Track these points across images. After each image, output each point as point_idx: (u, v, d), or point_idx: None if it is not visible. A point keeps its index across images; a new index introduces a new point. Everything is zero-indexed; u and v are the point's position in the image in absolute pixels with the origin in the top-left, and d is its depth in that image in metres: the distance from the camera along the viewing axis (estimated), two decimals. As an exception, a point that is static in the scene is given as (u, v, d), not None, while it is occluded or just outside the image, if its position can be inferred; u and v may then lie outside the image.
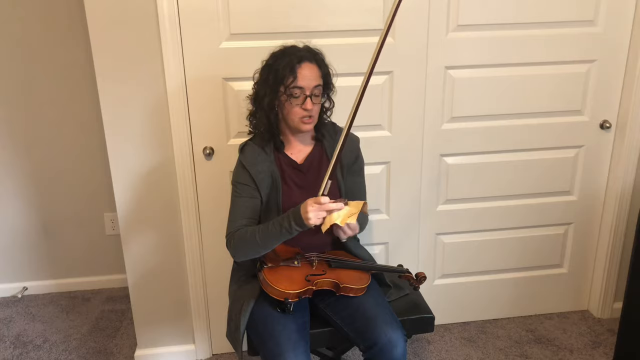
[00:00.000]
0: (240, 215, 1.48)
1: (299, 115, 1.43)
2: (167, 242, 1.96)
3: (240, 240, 1.45)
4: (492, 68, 1.92)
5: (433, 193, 2.05)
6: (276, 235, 1.38)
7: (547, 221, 2.16)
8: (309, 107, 1.42)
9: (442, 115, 1.96)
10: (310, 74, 1.42)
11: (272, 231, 1.39)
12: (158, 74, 1.76)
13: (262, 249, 1.42)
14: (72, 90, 2.31)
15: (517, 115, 2.00)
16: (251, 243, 1.42)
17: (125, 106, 1.78)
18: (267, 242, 1.40)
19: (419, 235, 2.10)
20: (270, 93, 1.43)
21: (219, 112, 1.82)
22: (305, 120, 1.44)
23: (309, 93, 1.42)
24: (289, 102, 1.42)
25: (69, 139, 2.37)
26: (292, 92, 1.41)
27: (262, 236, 1.40)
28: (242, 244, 1.44)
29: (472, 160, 2.03)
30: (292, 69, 1.40)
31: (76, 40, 2.24)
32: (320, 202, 1.32)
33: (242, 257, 1.47)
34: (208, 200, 1.91)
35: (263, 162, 1.50)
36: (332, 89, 1.52)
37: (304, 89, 1.41)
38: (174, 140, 1.82)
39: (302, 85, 1.40)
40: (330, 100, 1.55)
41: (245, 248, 1.44)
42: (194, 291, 2.01)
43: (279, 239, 1.39)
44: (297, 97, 1.42)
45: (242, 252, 1.45)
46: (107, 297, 2.50)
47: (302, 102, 1.42)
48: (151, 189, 1.89)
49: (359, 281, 1.47)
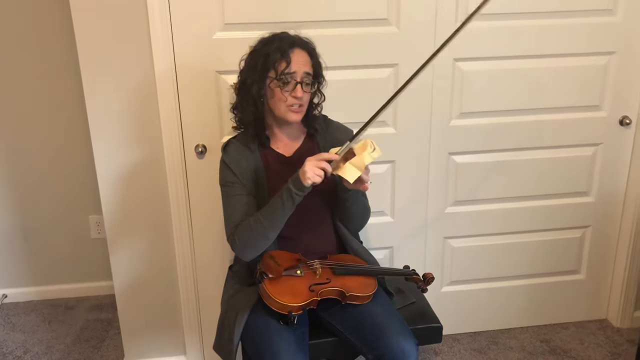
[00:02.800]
0: (237, 213, 1.48)
1: (288, 103, 1.43)
2: (157, 246, 1.95)
3: (244, 232, 1.44)
4: (504, 60, 1.92)
5: (441, 194, 2.05)
6: (279, 208, 1.38)
7: (562, 224, 2.16)
8: (299, 95, 1.42)
9: (451, 110, 1.95)
10: (302, 59, 1.43)
11: (274, 206, 1.40)
12: (146, 67, 1.75)
13: (270, 231, 1.42)
14: (53, 85, 2.31)
15: (531, 111, 2.00)
16: (257, 229, 1.41)
17: (111, 101, 1.78)
18: (273, 220, 1.40)
19: (426, 239, 2.10)
20: (258, 80, 1.44)
21: (211, 107, 1.82)
22: (294, 109, 1.44)
23: (299, 79, 1.42)
24: (278, 88, 1.42)
25: (50, 136, 2.37)
26: (283, 78, 1.41)
27: (266, 216, 1.41)
28: (248, 235, 1.43)
29: (482, 158, 2.03)
30: (284, 53, 1.41)
31: (58, 32, 2.24)
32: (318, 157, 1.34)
33: (251, 250, 1.45)
34: (200, 201, 1.91)
35: (247, 160, 1.50)
36: (323, 81, 1.53)
37: (295, 75, 1.42)
38: (163, 137, 1.82)
39: (294, 70, 1.41)
40: (320, 93, 1.55)
41: (252, 238, 1.43)
42: (185, 299, 2.01)
43: (283, 212, 1.39)
44: (288, 83, 1.42)
45: (250, 244, 1.44)
46: (92, 305, 2.50)
47: (293, 89, 1.42)
48: (139, 190, 1.88)
49: (365, 288, 1.47)
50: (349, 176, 1.32)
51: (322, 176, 1.33)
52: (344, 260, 1.54)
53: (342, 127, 1.64)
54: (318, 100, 1.57)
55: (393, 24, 1.83)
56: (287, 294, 1.38)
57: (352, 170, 1.32)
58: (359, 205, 1.55)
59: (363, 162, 1.31)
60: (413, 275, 1.61)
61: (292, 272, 1.44)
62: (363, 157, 1.32)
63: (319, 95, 1.56)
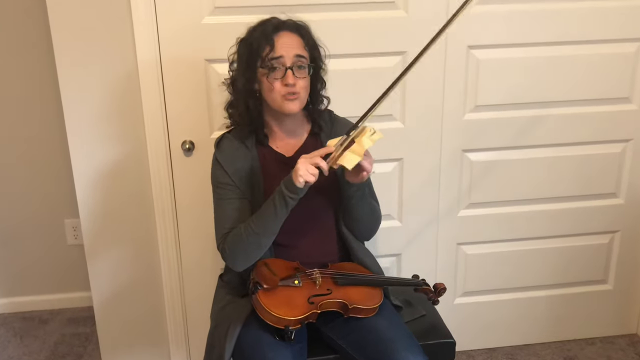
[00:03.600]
0: (228, 219, 1.48)
1: (281, 93, 1.42)
2: (140, 253, 1.95)
3: (235, 240, 1.44)
4: (523, 48, 1.92)
5: (453, 195, 2.05)
6: (272, 213, 1.38)
7: (588, 229, 2.16)
8: (290, 81, 1.40)
9: (465, 103, 1.95)
10: (290, 42, 1.42)
11: (266, 211, 1.39)
12: (128, 55, 1.75)
13: (263, 238, 1.41)
14: (26, 76, 2.30)
15: (553, 103, 2.00)
16: (248, 237, 1.41)
17: (89, 93, 1.77)
18: (266, 227, 1.40)
19: (437, 246, 2.09)
20: (247, 72, 1.43)
21: (200, 100, 1.81)
22: (289, 96, 1.42)
23: (289, 64, 1.41)
24: (267, 77, 1.41)
25: (21, 132, 2.36)
26: (269, 64, 1.40)
27: (258, 222, 1.40)
28: (239, 244, 1.43)
29: (499, 156, 2.03)
30: (267, 37, 1.40)
31: (30, 17, 2.23)
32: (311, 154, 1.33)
33: (243, 260, 1.45)
34: (188, 203, 1.90)
35: (243, 158, 1.49)
36: (322, 66, 1.51)
37: (283, 59, 1.40)
38: (147, 132, 1.82)
39: (280, 54, 1.40)
40: (320, 80, 1.53)
41: (243, 247, 1.43)
42: (171, 311, 2.01)
43: (276, 217, 1.39)
44: (276, 70, 1.41)
45: (241, 253, 1.44)
46: (69, 319, 2.50)
47: (282, 76, 1.41)
48: (120, 191, 1.88)
49: (370, 299, 1.46)
50: (348, 163, 1.31)
51: (316, 175, 1.32)
52: (346, 269, 1.53)
53: (349, 123, 1.62)
54: (320, 86, 1.55)
55: (401, 7, 1.83)
56: (283, 306, 1.37)
57: (350, 157, 1.32)
58: (366, 204, 1.54)
59: (362, 146, 1.31)
60: (423, 286, 1.60)
61: (289, 282, 1.44)
62: (362, 141, 1.31)
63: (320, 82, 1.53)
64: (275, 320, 1.36)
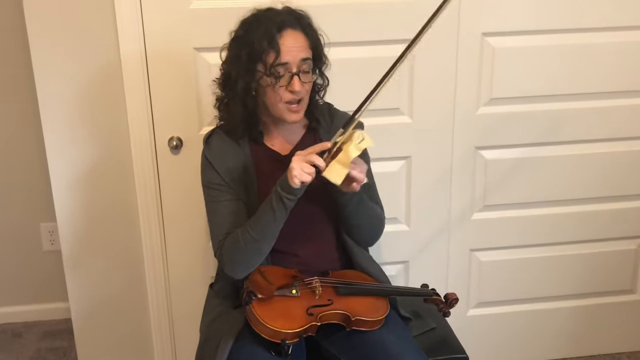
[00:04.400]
0: (223, 223, 1.48)
1: (285, 100, 1.42)
2: (123, 260, 1.96)
3: (232, 247, 1.44)
4: (543, 35, 1.92)
5: (466, 197, 2.05)
6: (270, 216, 1.39)
7: (615, 233, 2.16)
8: (296, 89, 1.40)
9: (479, 96, 1.95)
10: (296, 44, 1.41)
11: (263, 214, 1.40)
12: (110, 45, 1.75)
13: (262, 243, 1.42)
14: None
15: (576, 96, 2.00)
16: (247, 243, 1.42)
17: (66, 88, 1.78)
18: (265, 231, 1.41)
19: (448, 252, 2.10)
20: (245, 74, 1.42)
21: (189, 93, 1.82)
22: (293, 107, 1.44)
23: (295, 70, 1.41)
24: (270, 85, 1.41)
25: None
26: (274, 72, 1.40)
27: (255, 226, 1.41)
28: (237, 251, 1.44)
29: (516, 154, 2.03)
30: (271, 41, 1.38)
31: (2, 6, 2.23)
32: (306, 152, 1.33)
33: (243, 267, 1.46)
34: (175, 206, 1.91)
35: (234, 155, 1.50)
36: (325, 62, 1.52)
37: (289, 65, 1.40)
38: (130, 129, 1.82)
39: (286, 60, 1.40)
40: (323, 76, 1.54)
41: (242, 253, 1.43)
42: (156, 324, 2.01)
43: (275, 220, 1.39)
44: (281, 77, 1.41)
45: (240, 261, 1.45)
46: (45, 332, 2.50)
47: (288, 83, 1.41)
48: (101, 192, 1.88)
49: (375, 311, 1.46)
50: (334, 177, 1.31)
51: (312, 174, 1.32)
52: (348, 278, 1.54)
53: None
54: (321, 84, 1.56)
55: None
56: (280, 318, 1.38)
57: (336, 169, 1.31)
58: (364, 210, 1.54)
59: (349, 156, 1.31)
60: (433, 296, 1.60)
61: (286, 292, 1.44)
62: (349, 150, 1.31)
63: (321, 79, 1.55)
64: (271, 334, 1.37)
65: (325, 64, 1.53)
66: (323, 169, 1.33)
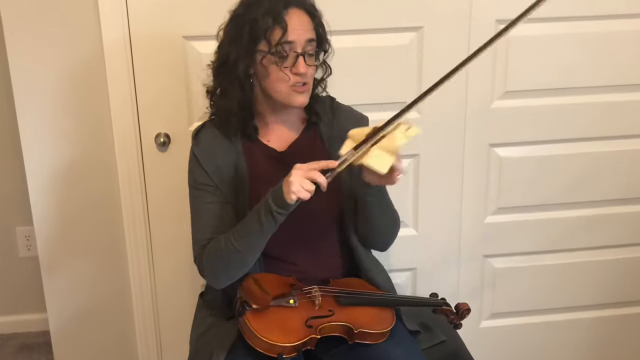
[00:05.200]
0: (206, 227, 1.48)
1: (290, 83, 1.42)
2: (105, 267, 1.96)
3: (214, 255, 1.44)
4: (562, 23, 1.92)
5: (479, 199, 2.05)
6: (256, 228, 1.38)
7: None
8: (302, 70, 1.41)
9: (493, 88, 1.96)
10: (301, 23, 1.42)
11: (249, 224, 1.39)
12: (91, 31, 1.75)
13: (246, 255, 1.42)
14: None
15: (600, 88, 2.00)
16: (230, 253, 1.41)
17: (44, 80, 1.78)
18: (250, 243, 1.40)
19: (460, 258, 2.10)
20: (245, 56, 1.43)
21: (177, 85, 1.82)
22: (299, 88, 1.43)
23: (300, 50, 1.41)
24: (275, 65, 1.41)
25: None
26: (281, 50, 1.40)
27: (240, 237, 1.40)
28: (218, 259, 1.44)
29: (534, 151, 2.03)
30: (277, 17, 1.39)
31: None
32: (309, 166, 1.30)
33: (224, 278, 1.46)
34: (162, 208, 1.91)
35: (224, 153, 1.50)
36: (328, 48, 1.52)
37: (294, 45, 1.41)
38: (114, 125, 1.82)
39: (292, 39, 1.40)
40: (326, 66, 1.54)
41: (223, 263, 1.43)
42: (142, 336, 2.02)
43: (262, 233, 1.38)
44: (286, 57, 1.41)
45: (221, 270, 1.45)
46: (21, 345, 2.50)
47: (293, 64, 1.41)
48: (82, 194, 1.89)
49: (379, 322, 1.46)
50: (379, 165, 1.26)
51: (312, 192, 1.30)
52: (351, 286, 1.54)
53: (355, 113, 1.63)
54: (323, 75, 1.56)
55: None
56: (276, 330, 1.38)
57: (381, 157, 1.27)
58: (386, 209, 1.53)
59: (394, 142, 1.27)
60: (442, 306, 1.61)
61: (283, 302, 1.44)
62: (395, 135, 1.27)
63: (323, 68, 1.55)
64: (266, 347, 1.37)
65: (328, 50, 1.53)
66: (324, 187, 1.31)
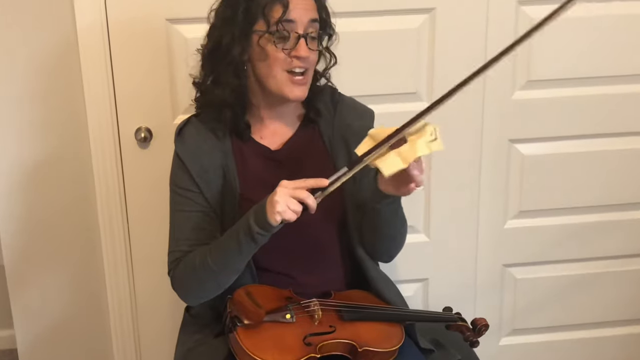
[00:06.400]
0: (182, 238, 1.49)
1: (287, 67, 1.42)
2: (79, 278, 1.96)
3: (188, 271, 1.45)
4: (591, 4, 1.92)
5: (499, 201, 2.06)
6: (234, 249, 1.37)
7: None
8: (303, 54, 1.40)
9: (514, 77, 1.96)
10: (304, 1, 1.42)
11: (227, 243, 1.39)
12: (63, 14, 1.75)
13: (221, 276, 1.42)
14: None
15: (634, 77, 2.00)
16: (205, 271, 1.42)
17: (11, 65, 1.78)
18: (226, 264, 1.40)
19: (476, 268, 2.10)
20: (240, 37, 1.43)
21: (160, 74, 1.82)
22: (297, 79, 1.43)
23: (302, 31, 1.41)
24: (272, 45, 1.41)
25: None
26: (279, 30, 1.39)
27: (217, 256, 1.40)
28: (191, 277, 1.45)
29: (561, 148, 2.04)
30: None
31: None
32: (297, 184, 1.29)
33: (196, 296, 1.47)
34: (143, 209, 1.91)
35: (211, 151, 1.49)
36: (333, 33, 1.52)
37: (295, 25, 1.41)
38: (89, 117, 1.82)
39: (293, 17, 1.40)
40: (330, 54, 1.54)
41: (197, 281, 1.44)
42: (120, 354, 2.01)
43: (240, 255, 1.38)
44: (286, 38, 1.41)
45: (193, 289, 1.46)
46: (-16, 365, 2.50)
47: (293, 46, 1.42)
48: (53, 195, 1.89)
49: (387, 340, 1.46)
50: (386, 167, 1.27)
51: (298, 213, 1.29)
52: (354, 299, 1.54)
53: (359, 107, 1.63)
54: (326, 64, 1.55)
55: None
56: (271, 348, 1.37)
57: (392, 161, 1.28)
58: (398, 220, 1.53)
59: (415, 151, 1.27)
60: (458, 322, 1.61)
61: (278, 317, 1.44)
62: (416, 144, 1.28)
63: (326, 57, 1.54)
64: (260, 368, 1.38)
65: (333, 36, 1.53)
66: (312, 210, 1.30)
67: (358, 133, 1.40)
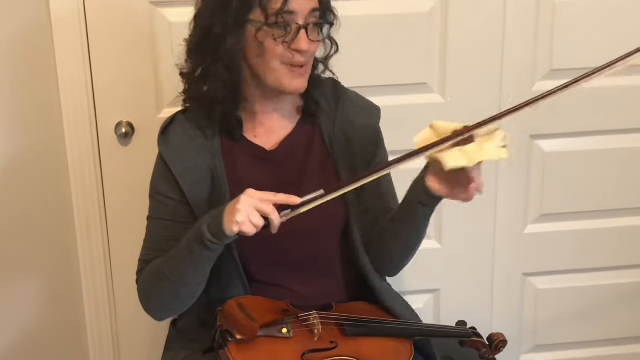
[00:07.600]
0: (154, 250, 1.50)
1: (286, 61, 1.43)
2: (54, 286, 1.97)
3: (147, 281, 1.47)
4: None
5: (518, 203, 2.07)
6: (187, 256, 1.38)
7: None
8: (304, 47, 1.41)
9: (535, 67, 1.97)
10: None
11: (180, 251, 1.39)
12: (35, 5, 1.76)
13: (179, 287, 1.42)
14: None
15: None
16: (161, 281, 1.43)
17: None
18: (182, 275, 1.40)
19: (493, 278, 2.12)
20: (234, 27, 1.43)
21: (142, 64, 1.83)
22: (296, 70, 1.44)
23: (303, 22, 1.42)
24: (271, 38, 1.41)
25: None
26: (280, 21, 1.39)
27: (171, 265, 1.41)
28: (151, 287, 1.46)
29: (586, 145, 2.05)
30: None
31: None
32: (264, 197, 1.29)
33: (157, 309, 1.49)
34: (123, 211, 1.92)
35: (196, 152, 1.50)
36: (334, 20, 1.52)
37: (295, 16, 1.41)
38: (64, 110, 1.83)
39: (294, 8, 1.40)
40: (331, 42, 1.54)
41: (155, 293, 1.46)
42: (99, 371, 2.03)
43: (194, 264, 1.38)
44: (285, 31, 1.42)
45: (153, 300, 1.48)
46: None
47: (293, 39, 1.43)
48: (24, 194, 1.90)
49: (393, 357, 1.47)
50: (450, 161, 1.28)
51: (258, 228, 1.29)
52: (357, 312, 1.54)
53: (364, 103, 1.63)
54: (327, 52, 1.56)
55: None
56: None
57: (456, 156, 1.29)
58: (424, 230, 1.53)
59: (482, 154, 1.29)
60: (472, 337, 1.62)
61: (274, 331, 1.44)
62: (484, 147, 1.29)
63: (326, 45, 1.55)
64: (253, 389, 1.39)
65: (335, 23, 1.53)
66: (274, 229, 1.30)
67: (362, 131, 1.41)
